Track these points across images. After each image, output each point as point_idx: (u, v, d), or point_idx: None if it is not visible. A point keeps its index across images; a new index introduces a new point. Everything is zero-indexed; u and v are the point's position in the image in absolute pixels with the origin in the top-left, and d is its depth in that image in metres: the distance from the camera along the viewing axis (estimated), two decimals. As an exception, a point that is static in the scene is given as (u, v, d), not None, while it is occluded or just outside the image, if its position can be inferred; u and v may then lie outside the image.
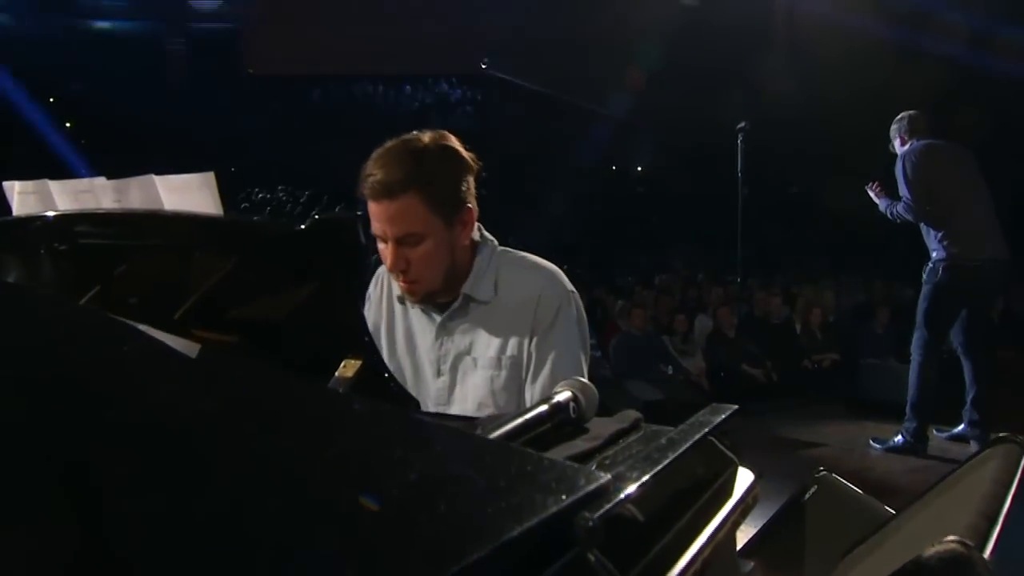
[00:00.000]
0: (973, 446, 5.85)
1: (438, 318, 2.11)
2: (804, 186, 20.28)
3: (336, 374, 1.15)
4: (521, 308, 2.06)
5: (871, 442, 6.14)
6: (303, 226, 1.12)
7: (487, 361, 2.06)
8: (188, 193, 1.22)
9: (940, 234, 5.75)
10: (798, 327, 9.60)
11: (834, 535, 2.41)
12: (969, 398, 6.00)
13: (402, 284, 2.05)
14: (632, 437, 1.04)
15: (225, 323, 1.27)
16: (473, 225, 2.08)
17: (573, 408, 1.03)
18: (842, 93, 16.80)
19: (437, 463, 0.67)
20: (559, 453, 0.95)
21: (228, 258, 1.23)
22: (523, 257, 2.17)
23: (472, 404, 2.06)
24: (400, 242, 1.96)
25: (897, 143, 6.06)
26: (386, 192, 1.92)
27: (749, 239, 15.36)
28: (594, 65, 25.69)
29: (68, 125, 22.63)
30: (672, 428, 1.05)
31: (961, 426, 6.09)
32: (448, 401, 2.09)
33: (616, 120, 25.92)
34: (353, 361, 1.15)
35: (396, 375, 2.13)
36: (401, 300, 2.18)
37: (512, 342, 2.06)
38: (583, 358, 2.12)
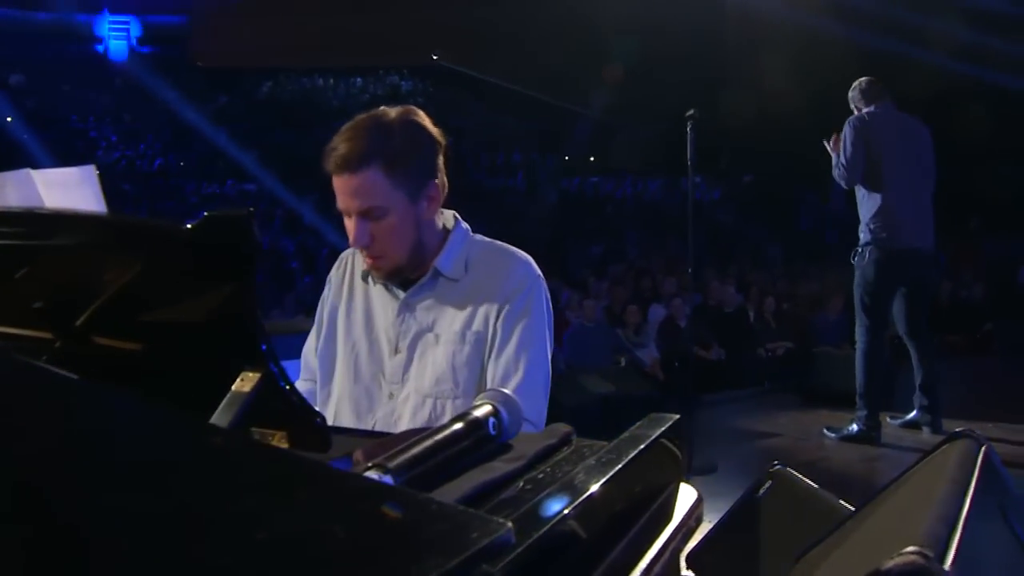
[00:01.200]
0: (925, 432, 5.88)
1: (401, 294, 2.05)
2: (758, 175, 20.43)
3: (232, 388, 1.02)
4: (489, 285, 2.02)
5: (825, 431, 6.10)
6: (190, 225, 0.99)
7: (451, 335, 2.01)
8: (68, 189, 1.10)
9: (869, 215, 5.72)
10: (751, 315, 9.59)
11: (790, 533, 2.34)
12: (917, 384, 6.00)
13: (367, 260, 2.02)
14: (562, 454, 0.93)
15: (124, 331, 1.14)
16: (439, 200, 2.03)
17: (493, 424, 0.92)
18: (794, 85, 16.90)
19: (295, 517, 0.55)
20: (475, 477, 0.84)
21: (118, 260, 1.10)
22: (495, 243, 2.13)
23: (429, 380, 1.99)
24: (363, 216, 1.93)
25: (854, 110, 6.01)
26: (348, 165, 1.90)
27: (701, 228, 15.43)
28: (547, 56, 25.67)
29: (9, 119, 22.24)
30: (605, 443, 0.94)
31: (913, 412, 6.07)
32: (403, 379, 2.02)
33: (570, 110, 25.95)
34: (251, 373, 1.02)
35: (349, 355, 2.09)
36: (365, 277, 2.13)
37: (478, 318, 2.00)
38: (548, 341, 2.07)
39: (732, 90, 18.55)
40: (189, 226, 1.01)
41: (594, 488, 0.79)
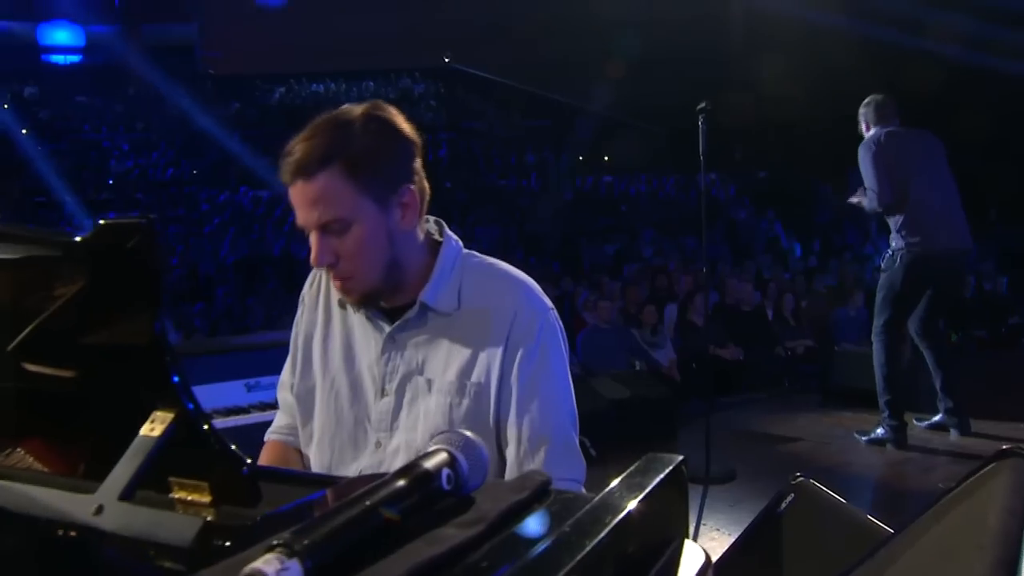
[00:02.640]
0: (953, 434, 5.68)
1: (386, 328, 1.77)
2: (773, 171, 20.24)
3: (140, 433, 0.85)
4: (491, 325, 1.73)
5: (855, 435, 5.87)
6: (80, 237, 0.81)
7: (446, 385, 1.73)
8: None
9: (899, 223, 5.57)
10: (770, 313, 9.40)
11: (814, 550, 2.21)
12: (938, 386, 5.81)
13: (335, 283, 1.73)
14: (535, 511, 0.75)
15: (49, 357, 0.96)
16: (416, 209, 1.73)
17: (448, 477, 0.74)
18: (806, 79, 16.73)
19: None
20: (417, 552, 0.65)
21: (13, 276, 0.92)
22: (493, 264, 1.83)
23: (423, 434, 1.73)
24: (324, 230, 1.64)
25: (863, 128, 5.87)
26: (302, 171, 1.62)
27: (718, 225, 15.29)
28: (557, 55, 25.53)
29: (24, 131, 22.26)
30: (591, 496, 0.76)
31: (939, 415, 5.86)
32: (392, 427, 1.76)
33: (582, 109, 25.79)
34: (163, 413, 0.85)
35: (329, 394, 1.82)
36: (342, 304, 1.84)
37: (479, 366, 1.73)
38: (572, 390, 1.81)
39: (745, 85, 18.38)
40: (79, 238, 0.83)
41: (572, 564, 0.61)
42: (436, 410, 1.72)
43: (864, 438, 5.78)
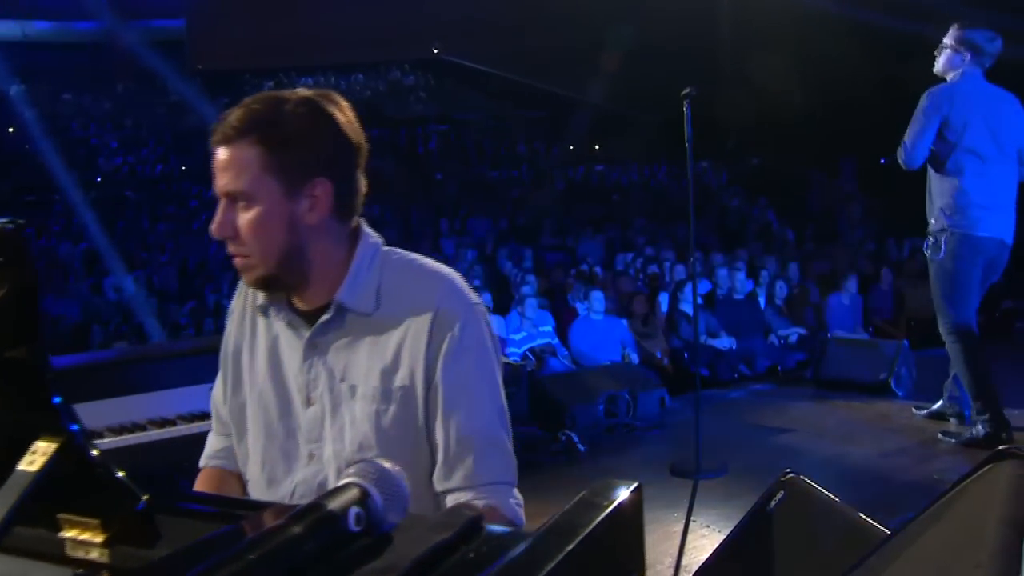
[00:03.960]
0: (953, 423, 5.44)
1: (306, 333, 1.70)
2: (765, 158, 20.18)
3: (18, 467, 0.74)
4: (412, 325, 1.66)
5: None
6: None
7: (370, 391, 1.65)
8: None
9: (943, 201, 5.06)
10: (763, 301, 9.32)
11: (805, 549, 2.15)
12: (952, 373, 5.38)
13: (234, 259, 1.67)
14: (459, 557, 0.65)
15: None
16: (328, 205, 1.65)
17: (357, 517, 0.63)
18: (798, 67, 16.66)
19: None
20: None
21: None
22: (413, 260, 1.76)
23: (350, 444, 1.66)
24: (229, 199, 1.62)
25: (941, 59, 5.18)
26: (223, 136, 1.61)
27: (711, 213, 15.24)
28: (547, 45, 25.44)
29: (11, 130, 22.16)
30: (525, 535, 0.66)
31: (939, 402, 5.61)
32: (321, 437, 1.69)
33: (572, 99, 25.69)
34: (46, 443, 0.74)
35: (259, 407, 1.75)
36: (264, 310, 1.76)
37: (403, 368, 1.65)
38: (499, 378, 1.73)
39: (736, 73, 18.30)
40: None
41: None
42: (362, 418, 1.66)
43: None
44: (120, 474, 0.77)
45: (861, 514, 1.97)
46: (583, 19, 23.16)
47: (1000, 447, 1.52)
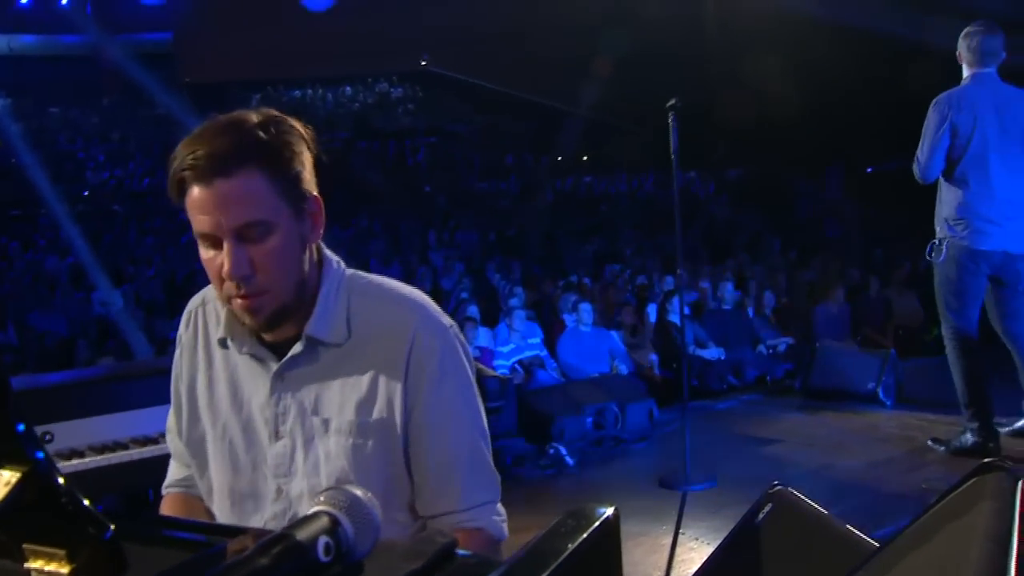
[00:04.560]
0: None
1: (273, 366, 1.62)
2: (752, 167, 20.25)
3: (-22, 496, 0.73)
4: (388, 355, 1.59)
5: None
6: None
7: (345, 425, 1.59)
8: None
9: (948, 211, 4.95)
10: (751, 311, 9.34)
11: (793, 564, 2.13)
12: None
13: (240, 302, 1.52)
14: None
15: None
16: (321, 223, 1.59)
17: (326, 546, 0.62)
18: (785, 75, 16.70)
19: None
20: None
21: None
22: (381, 285, 1.68)
23: (325, 478, 1.59)
24: (240, 237, 1.46)
25: (964, 67, 5.05)
26: (218, 167, 1.43)
27: (698, 223, 15.26)
28: (535, 56, 25.48)
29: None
30: (497, 561, 0.65)
31: (1022, 421, 5.30)
32: (290, 471, 1.62)
33: (560, 110, 25.73)
34: (9, 472, 0.73)
35: (222, 442, 1.68)
36: (223, 343, 1.68)
37: (380, 401, 1.59)
38: (478, 402, 1.69)
39: (723, 83, 18.35)
40: None
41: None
42: (338, 452, 1.59)
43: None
44: (86, 502, 0.76)
45: (849, 526, 1.97)
46: (570, 30, 23.21)
47: (986, 459, 1.51)
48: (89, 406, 2.96)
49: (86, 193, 21.61)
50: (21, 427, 0.73)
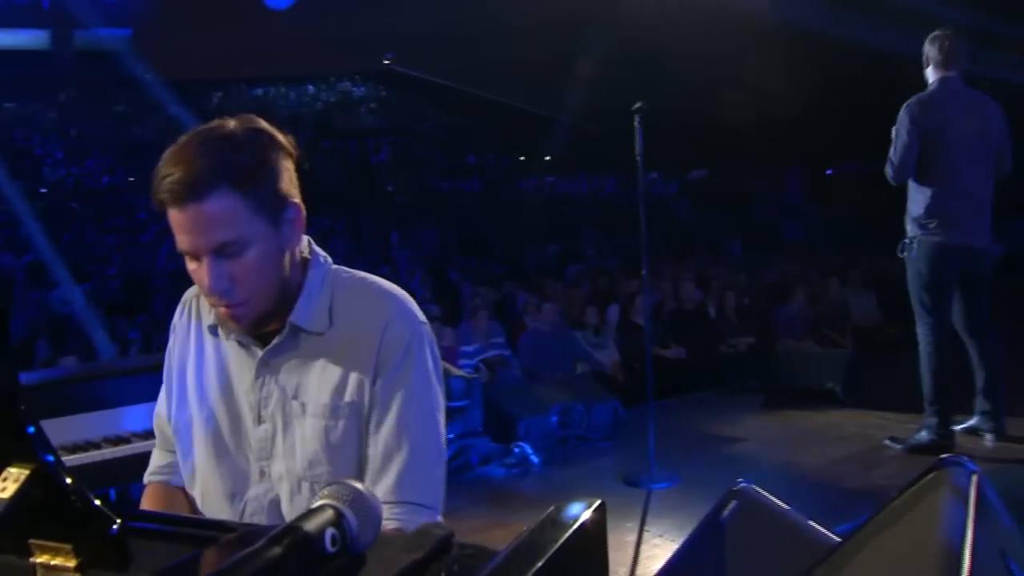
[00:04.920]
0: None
1: (259, 352, 1.70)
2: (713, 169, 20.43)
3: (-12, 496, 0.75)
4: (362, 342, 1.67)
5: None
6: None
7: (320, 408, 1.66)
8: None
9: (918, 210, 5.12)
10: (712, 311, 9.43)
11: (758, 560, 2.17)
12: (979, 387, 5.35)
13: (223, 311, 1.63)
14: (433, 574, 0.67)
15: None
16: (303, 226, 1.67)
17: (332, 537, 0.66)
18: (744, 77, 16.86)
19: None
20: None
21: None
22: (364, 279, 1.77)
23: (301, 460, 1.67)
24: (218, 254, 1.55)
25: (930, 71, 5.23)
26: (191, 192, 1.50)
27: (660, 224, 15.34)
28: (497, 56, 25.53)
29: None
30: (492, 552, 0.69)
31: (973, 419, 5.43)
32: (272, 454, 1.70)
33: (522, 110, 25.80)
34: (17, 470, 0.76)
35: (207, 425, 1.74)
36: (213, 330, 1.76)
37: (351, 385, 1.66)
38: (438, 406, 1.73)
39: (684, 86, 18.50)
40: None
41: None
42: (312, 435, 1.66)
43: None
44: (96, 500, 0.79)
45: (812, 522, 2.01)
46: (533, 32, 23.29)
47: (942, 455, 1.56)
48: (60, 406, 2.96)
49: (44, 190, 21.33)
50: (31, 429, 0.75)
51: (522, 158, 24.77)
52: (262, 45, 28.52)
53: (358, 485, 0.72)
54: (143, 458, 1.96)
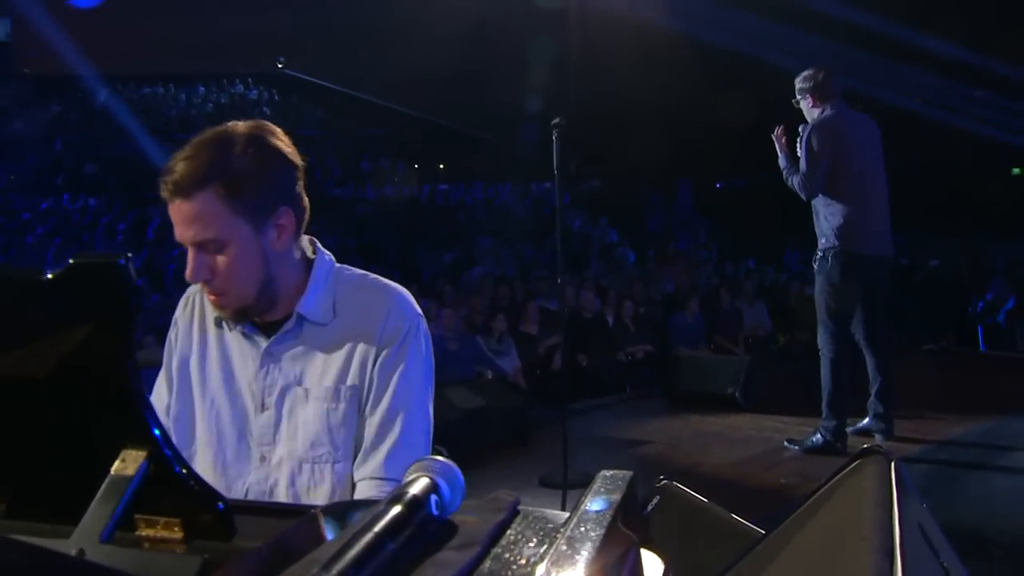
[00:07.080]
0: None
1: (263, 343, 1.82)
2: (605, 179, 20.77)
3: (112, 471, 0.86)
4: (362, 329, 1.81)
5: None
6: (52, 274, 0.83)
7: (322, 392, 1.79)
8: None
9: (832, 225, 5.45)
10: (611, 320, 9.65)
11: (683, 553, 2.28)
12: (873, 391, 5.74)
13: (208, 296, 1.79)
14: (513, 532, 0.80)
15: (11, 395, 0.94)
16: (292, 230, 1.79)
17: (436, 502, 0.78)
18: (639, 88, 17.18)
19: None
20: (431, 574, 0.71)
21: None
22: (365, 276, 1.91)
23: (303, 442, 1.78)
24: (200, 248, 1.70)
25: (807, 103, 5.61)
26: (180, 190, 1.65)
27: (552, 233, 15.53)
28: (392, 62, 25.51)
29: None
30: (558, 513, 0.83)
31: (866, 419, 5.83)
32: (274, 440, 1.80)
33: (417, 117, 25.81)
34: (134, 451, 0.86)
35: (209, 414, 1.84)
36: (219, 323, 1.88)
37: (353, 370, 1.80)
38: (429, 388, 1.87)
39: (579, 96, 18.77)
40: (50, 275, 0.84)
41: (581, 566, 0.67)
42: (314, 417, 1.78)
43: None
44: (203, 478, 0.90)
45: (734, 515, 2.16)
46: (427, 39, 23.32)
47: (865, 446, 1.73)
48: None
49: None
50: (149, 419, 0.85)
51: (416, 165, 24.78)
52: (150, 42, 27.87)
53: (441, 457, 0.84)
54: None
